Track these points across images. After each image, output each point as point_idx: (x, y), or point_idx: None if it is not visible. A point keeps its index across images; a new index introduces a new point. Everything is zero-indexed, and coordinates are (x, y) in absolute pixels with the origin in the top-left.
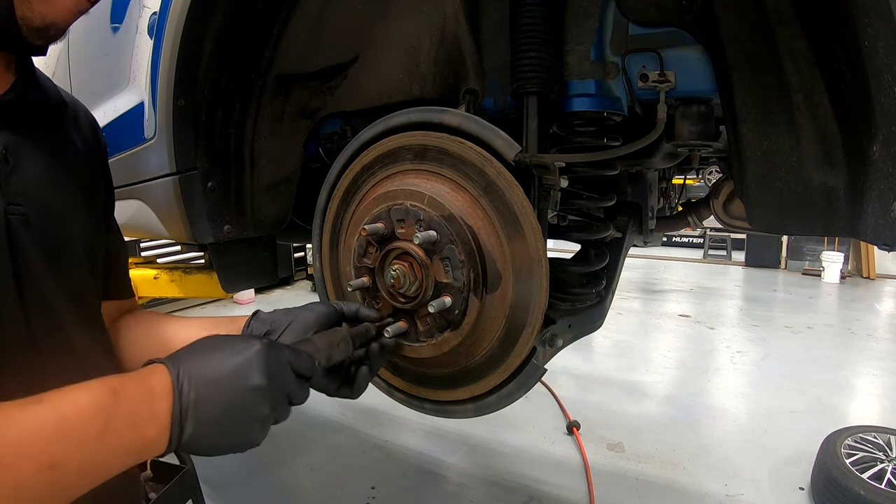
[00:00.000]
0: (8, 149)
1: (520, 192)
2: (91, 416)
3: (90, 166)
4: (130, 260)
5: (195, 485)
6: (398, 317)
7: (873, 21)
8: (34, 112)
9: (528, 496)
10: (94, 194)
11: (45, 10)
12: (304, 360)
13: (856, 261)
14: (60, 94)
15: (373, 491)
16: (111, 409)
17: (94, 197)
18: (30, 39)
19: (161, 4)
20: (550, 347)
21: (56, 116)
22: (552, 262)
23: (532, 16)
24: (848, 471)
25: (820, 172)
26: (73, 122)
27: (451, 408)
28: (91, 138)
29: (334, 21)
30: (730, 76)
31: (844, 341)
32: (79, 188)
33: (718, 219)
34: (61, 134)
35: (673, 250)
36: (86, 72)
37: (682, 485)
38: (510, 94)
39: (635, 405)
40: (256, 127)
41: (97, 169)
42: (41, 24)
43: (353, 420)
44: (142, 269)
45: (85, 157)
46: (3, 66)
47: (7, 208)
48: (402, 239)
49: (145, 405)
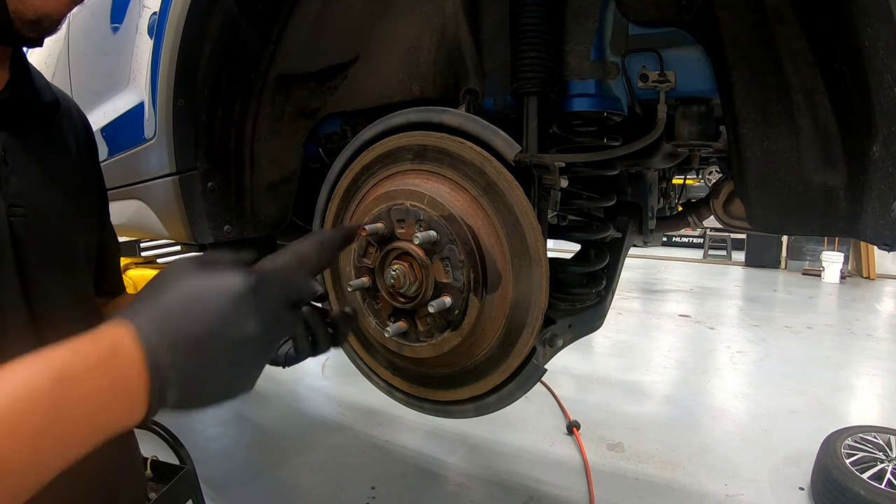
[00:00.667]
0: (6, 150)
1: (520, 192)
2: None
3: (83, 164)
4: (130, 260)
5: (195, 485)
6: (398, 317)
7: (873, 21)
8: (29, 111)
9: (528, 496)
10: (88, 192)
11: (38, 2)
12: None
13: (856, 261)
14: (53, 91)
15: (373, 491)
16: (59, 402)
17: (87, 195)
18: (23, 32)
19: (161, 4)
20: (550, 347)
21: (50, 114)
22: (552, 262)
23: (532, 16)
24: (848, 471)
25: (820, 172)
26: (67, 120)
27: (451, 408)
28: (83, 136)
29: (334, 21)
30: (730, 76)
31: (844, 341)
32: (73, 187)
33: (718, 219)
34: (55, 132)
35: (673, 250)
36: (86, 72)
37: (682, 485)
38: (510, 94)
39: (635, 405)
40: (256, 127)
41: (89, 167)
42: (34, 17)
43: (353, 420)
44: (142, 268)
45: (78, 156)
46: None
47: (8, 210)
48: (402, 239)
49: (108, 387)
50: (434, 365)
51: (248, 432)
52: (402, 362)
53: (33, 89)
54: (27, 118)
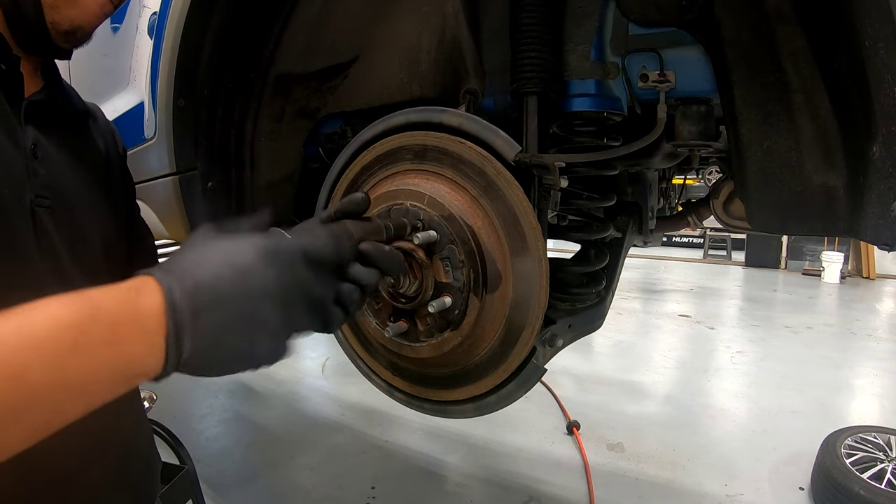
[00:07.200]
0: (37, 144)
1: (520, 192)
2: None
3: (110, 166)
4: None
5: (195, 485)
6: (398, 317)
7: (873, 21)
8: (60, 115)
9: (528, 496)
10: (114, 192)
11: (73, 14)
12: (326, 244)
13: (856, 261)
14: (83, 101)
15: (373, 491)
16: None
17: (113, 194)
18: (59, 44)
19: (161, 4)
20: (550, 347)
21: (79, 121)
22: (552, 262)
23: (532, 16)
24: (848, 471)
25: (820, 172)
26: (94, 124)
27: (451, 408)
28: (110, 140)
29: (334, 21)
30: (730, 76)
31: (844, 341)
32: (99, 185)
33: (718, 219)
34: (83, 136)
35: (673, 250)
36: (86, 72)
37: (682, 485)
38: (510, 94)
39: (635, 405)
40: (256, 127)
41: (117, 168)
42: (69, 28)
43: (353, 420)
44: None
45: (105, 157)
46: (31, 70)
47: (35, 200)
48: (403, 239)
49: (131, 322)
50: (434, 365)
51: (248, 432)
52: (402, 362)
53: (64, 96)
54: (58, 121)
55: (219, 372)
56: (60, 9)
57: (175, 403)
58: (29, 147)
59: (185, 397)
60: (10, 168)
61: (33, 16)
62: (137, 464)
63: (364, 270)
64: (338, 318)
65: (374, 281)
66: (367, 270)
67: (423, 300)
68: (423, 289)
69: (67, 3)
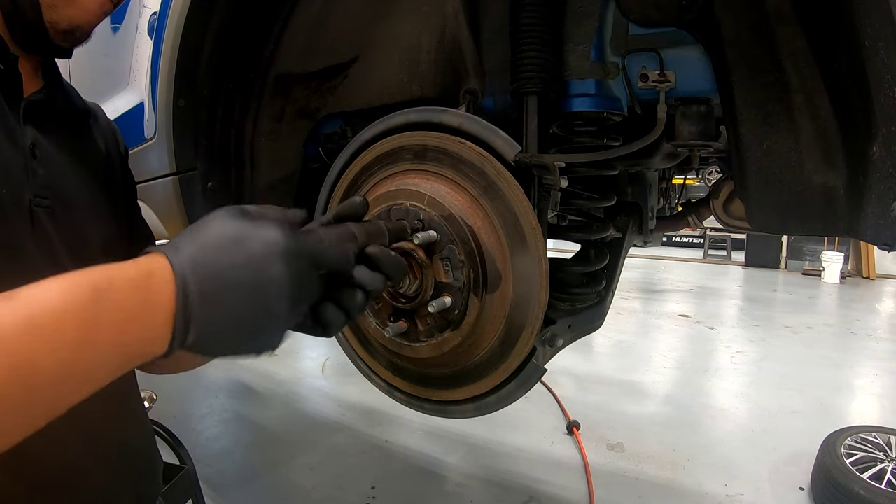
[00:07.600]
0: (36, 144)
1: (520, 192)
2: (68, 313)
3: (110, 165)
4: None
5: (195, 485)
6: (398, 317)
7: (873, 21)
8: (60, 114)
9: (528, 496)
10: (114, 192)
11: (72, 13)
12: (331, 246)
13: (856, 261)
14: (84, 101)
15: (373, 491)
16: (94, 308)
17: (113, 194)
18: (57, 43)
19: (161, 4)
20: (550, 347)
21: (80, 121)
22: (552, 262)
23: (532, 16)
24: (848, 471)
25: (820, 172)
26: (95, 124)
27: (451, 408)
28: (111, 139)
29: (334, 21)
30: (730, 76)
31: (844, 341)
32: (99, 185)
33: (718, 219)
34: (84, 135)
35: (673, 250)
36: (86, 72)
37: (682, 485)
38: (510, 94)
39: (635, 405)
40: (256, 127)
41: (118, 168)
42: (68, 27)
43: (353, 420)
44: None
45: (106, 157)
46: (31, 70)
47: (34, 200)
48: (403, 239)
49: (139, 303)
50: (434, 365)
51: (248, 432)
52: (403, 362)
53: (65, 95)
54: (58, 120)
55: (214, 356)
56: (59, 8)
57: (175, 403)
58: (28, 147)
59: (185, 397)
60: (9, 168)
61: (31, 15)
62: (140, 462)
63: (370, 275)
64: (339, 321)
65: (381, 286)
66: (373, 275)
67: (423, 300)
68: (423, 289)
69: (66, 2)
